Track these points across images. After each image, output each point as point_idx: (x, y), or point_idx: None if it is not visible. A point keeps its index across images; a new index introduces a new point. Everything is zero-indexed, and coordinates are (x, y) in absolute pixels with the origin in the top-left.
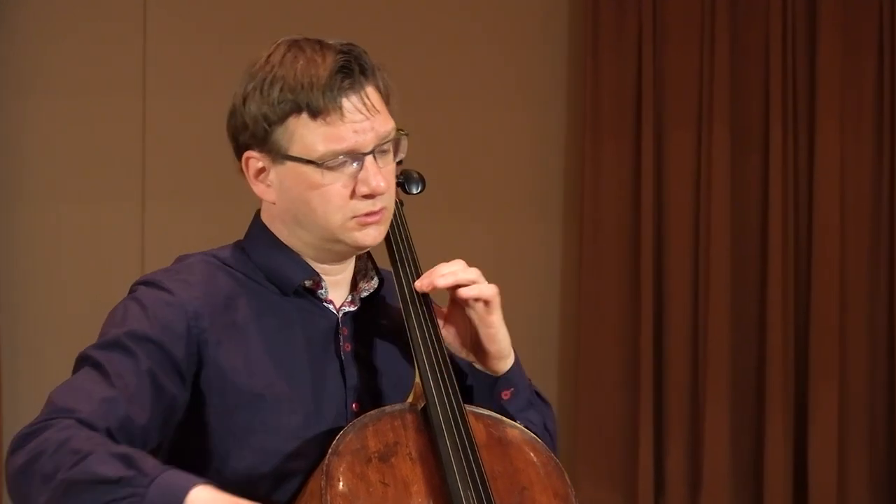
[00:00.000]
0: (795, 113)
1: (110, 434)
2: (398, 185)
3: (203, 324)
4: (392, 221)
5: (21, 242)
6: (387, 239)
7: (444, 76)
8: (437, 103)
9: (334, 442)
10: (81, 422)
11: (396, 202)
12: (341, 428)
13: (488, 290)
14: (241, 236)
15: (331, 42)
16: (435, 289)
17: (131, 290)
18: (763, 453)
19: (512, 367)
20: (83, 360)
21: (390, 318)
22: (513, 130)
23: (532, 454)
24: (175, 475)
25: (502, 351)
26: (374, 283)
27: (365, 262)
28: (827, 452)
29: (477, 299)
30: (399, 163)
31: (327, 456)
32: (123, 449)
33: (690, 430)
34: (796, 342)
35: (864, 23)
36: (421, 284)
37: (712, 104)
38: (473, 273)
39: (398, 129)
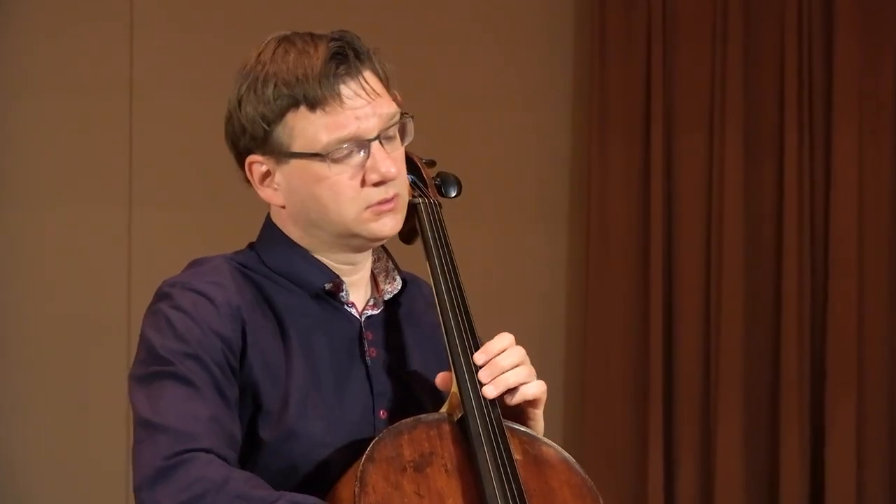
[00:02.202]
0: (811, 116)
1: (232, 457)
2: (435, 187)
3: (238, 326)
4: (430, 224)
5: (4, 247)
6: (424, 243)
7: (444, 76)
8: (437, 104)
9: (369, 448)
10: (215, 453)
11: (435, 203)
12: (367, 436)
13: (536, 389)
14: (230, 240)
15: (321, 33)
16: (508, 388)
17: (163, 296)
18: (778, 470)
19: None
20: (157, 376)
21: (416, 324)
22: (516, 134)
23: (567, 474)
24: None
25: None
26: (398, 284)
27: (385, 263)
28: (845, 469)
29: (525, 401)
30: (433, 164)
31: (362, 462)
32: (299, 498)
33: (702, 444)
34: (812, 354)
35: (883, 23)
36: (492, 392)
37: (724, 107)
38: (524, 371)
39: (402, 112)
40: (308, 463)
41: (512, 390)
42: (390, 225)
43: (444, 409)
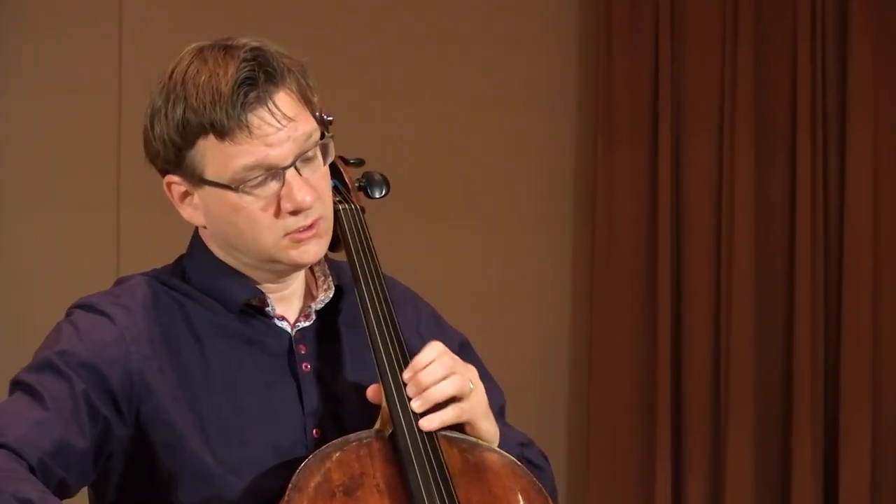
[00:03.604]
0: (825, 115)
1: (42, 462)
2: (360, 188)
3: (144, 351)
4: (351, 232)
5: None
6: (346, 252)
7: (444, 76)
8: (435, 105)
9: (294, 476)
10: (7, 448)
11: (356, 209)
12: (300, 458)
13: (448, 388)
14: None
15: (238, 44)
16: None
17: (66, 315)
18: (790, 485)
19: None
20: (14, 386)
21: (355, 332)
22: (518, 135)
23: (512, 480)
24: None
25: (484, 440)
26: (330, 292)
27: (323, 269)
28: (859, 486)
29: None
30: (361, 163)
31: (287, 492)
32: (30, 491)
33: (711, 460)
34: (826, 365)
35: None
36: (419, 407)
37: (735, 106)
38: (440, 370)
39: (322, 131)
40: (237, 491)
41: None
42: (313, 251)
43: (377, 425)
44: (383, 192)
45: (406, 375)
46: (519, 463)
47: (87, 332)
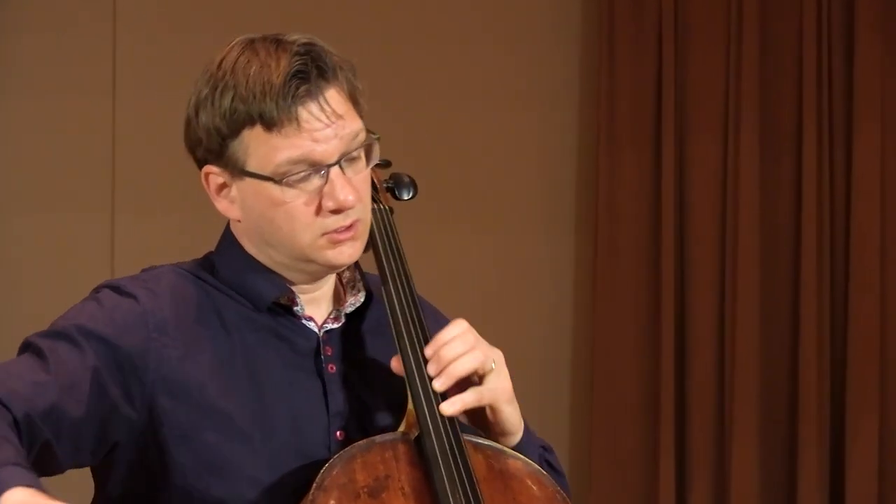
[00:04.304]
0: (831, 117)
1: (29, 418)
2: (388, 190)
3: (166, 337)
4: (380, 232)
5: None
6: (375, 252)
7: (443, 77)
8: (435, 107)
9: (319, 475)
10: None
11: (385, 209)
12: (323, 459)
13: (470, 362)
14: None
15: (289, 39)
16: (458, 379)
17: (92, 291)
18: (796, 489)
19: (519, 444)
20: (25, 347)
21: (382, 336)
22: (519, 138)
23: (536, 488)
24: (10, 472)
25: (507, 428)
26: (361, 296)
27: (353, 272)
28: (866, 489)
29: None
30: (388, 165)
31: (311, 491)
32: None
33: (716, 465)
34: (832, 368)
35: None
36: (441, 384)
37: (740, 108)
38: (461, 345)
39: (369, 132)
40: (258, 489)
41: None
42: (348, 253)
43: (401, 428)
44: (411, 194)
45: (428, 351)
46: (544, 472)
47: (111, 310)
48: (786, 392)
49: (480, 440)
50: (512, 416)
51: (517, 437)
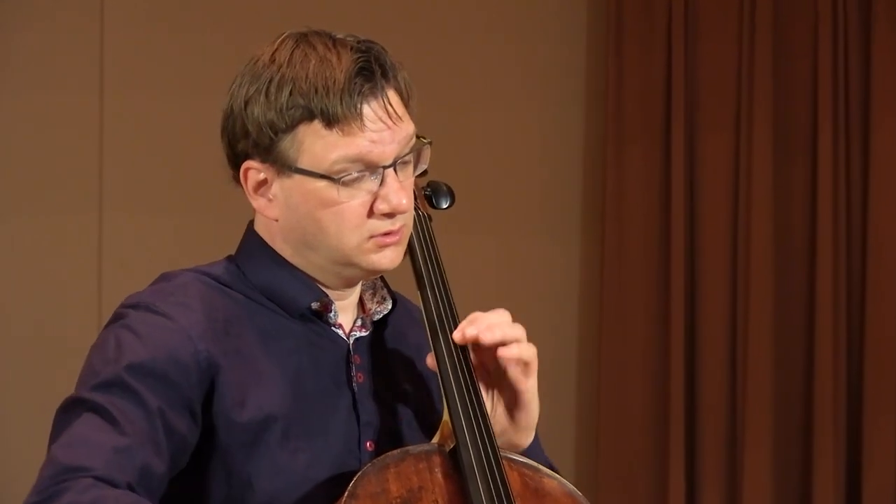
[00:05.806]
0: (847, 114)
1: (132, 489)
2: (425, 197)
3: (209, 351)
4: (419, 239)
5: None
6: (413, 258)
7: (447, 74)
8: (439, 105)
9: (352, 483)
10: (99, 479)
11: (424, 216)
12: (352, 470)
13: (528, 351)
14: (208, 248)
15: (344, 38)
16: (477, 343)
17: (117, 317)
18: (811, 501)
19: (531, 444)
20: (77, 405)
21: (407, 346)
22: (525, 136)
23: None
24: None
25: (531, 422)
26: (388, 304)
27: (374, 281)
28: (883, 499)
29: (518, 361)
30: (424, 173)
31: (343, 499)
32: None
33: (727, 475)
34: (848, 373)
35: None
36: (462, 337)
37: (752, 105)
38: (519, 330)
39: (419, 137)
40: (288, 499)
41: (503, 348)
42: (390, 258)
43: (435, 440)
44: (448, 202)
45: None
46: (580, 493)
47: (149, 336)
48: (800, 400)
49: (515, 457)
50: (536, 410)
51: (531, 435)
